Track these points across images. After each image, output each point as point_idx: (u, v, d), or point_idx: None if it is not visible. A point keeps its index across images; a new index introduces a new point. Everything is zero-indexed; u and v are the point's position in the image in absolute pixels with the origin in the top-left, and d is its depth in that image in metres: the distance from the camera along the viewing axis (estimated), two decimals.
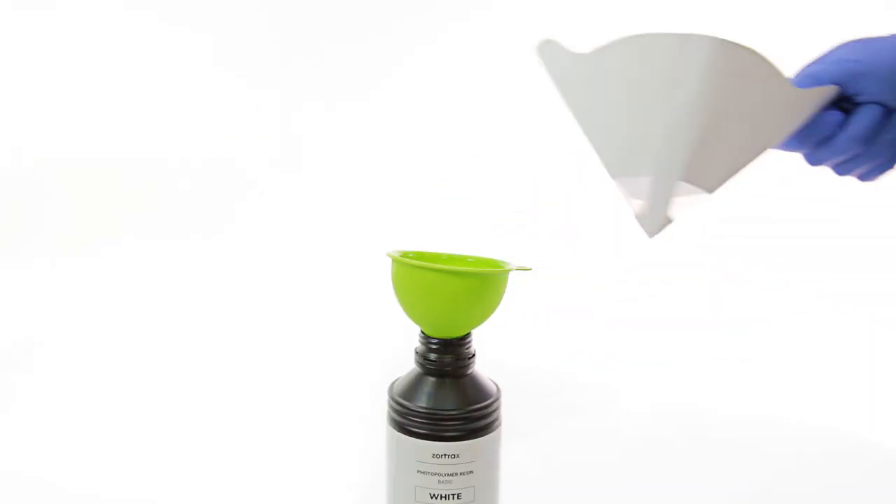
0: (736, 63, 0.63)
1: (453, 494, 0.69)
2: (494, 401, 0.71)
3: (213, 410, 1.03)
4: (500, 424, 0.71)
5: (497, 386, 0.72)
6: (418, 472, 0.69)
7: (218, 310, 1.30)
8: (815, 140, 0.68)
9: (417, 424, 0.69)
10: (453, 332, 0.70)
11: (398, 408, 0.70)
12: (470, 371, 0.71)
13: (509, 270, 0.70)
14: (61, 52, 1.57)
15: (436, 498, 0.69)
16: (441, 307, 0.69)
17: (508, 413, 0.73)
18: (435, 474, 0.69)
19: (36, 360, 1.15)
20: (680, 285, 1.38)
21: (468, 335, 0.71)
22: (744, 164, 0.67)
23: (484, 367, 0.73)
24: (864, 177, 0.70)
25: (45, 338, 1.20)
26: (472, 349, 0.71)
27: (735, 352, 1.20)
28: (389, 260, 0.70)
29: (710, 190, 0.67)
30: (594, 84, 0.66)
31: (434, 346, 0.70)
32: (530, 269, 0.71)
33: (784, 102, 0.65)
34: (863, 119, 0.66)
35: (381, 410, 0.73)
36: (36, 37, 1.56)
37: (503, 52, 1.64)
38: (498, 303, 0.71)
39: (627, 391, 1.10)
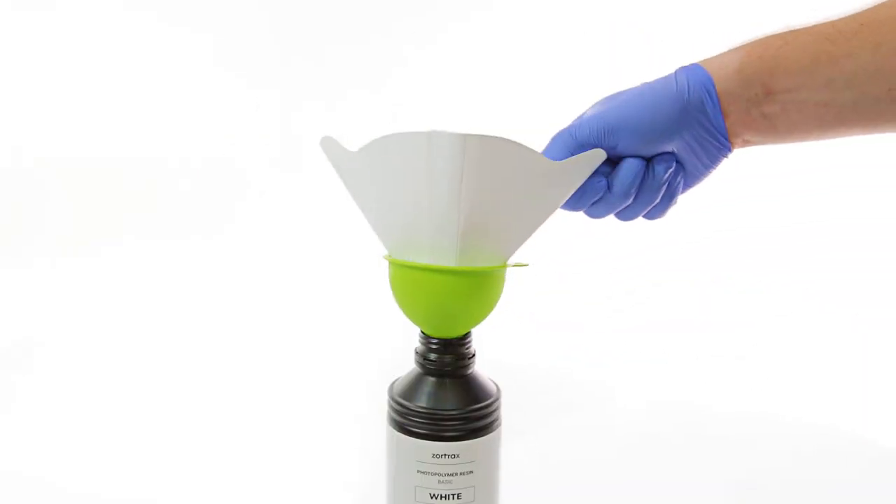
0: (486, 153, 0.64)
1: (453, 494, 0.69)
2: (494, 401, 0.71)
3: (212, 410, 1.04)
4: (500, 424, 0.72)
5: (497, 386, 0.73)
6: (418, 472, 0.69)
7: (218, 310, 1.30)
8: (587, 202, 0.69)
9: (417, 424, 0.69)
10: (453, 332, 0.70)
11: (398, 408, 0.70)
12: (470, 371, 0.71)
13: (506, 267, 0.70)
14: (61, 52, 1.57)
15: (436, 498, 0.69)
16: (439, 306, 0.69)
17: (506, 411, 0.74)
18: (435, 474, 0.69)
19: (36, 360, 1.15)
20: (675, 284, 1.38)
21: (468, 335, 0.71)
22: (520, 242, 0.69)
23: (483, 366, 0.73)
24: (648, 216, 0.72)
25: (45, 338, 1.20)
26: (472, 349, 0.71)
27: (730, 349, 1.20)
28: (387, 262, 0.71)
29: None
30: (368, 179, 0.68)
31: (434, 346, 0.70)
32: (527, 265, 0.71)
33: (547, 178, 0.66)
34: (625, 174, 0.68)
35: (380, 410, 0.73)
36: (36, 37, 1.56)
37: (503, 51, 1.64)
38: (496, 300, 0.71)
39: (624, 389, 1.10)
